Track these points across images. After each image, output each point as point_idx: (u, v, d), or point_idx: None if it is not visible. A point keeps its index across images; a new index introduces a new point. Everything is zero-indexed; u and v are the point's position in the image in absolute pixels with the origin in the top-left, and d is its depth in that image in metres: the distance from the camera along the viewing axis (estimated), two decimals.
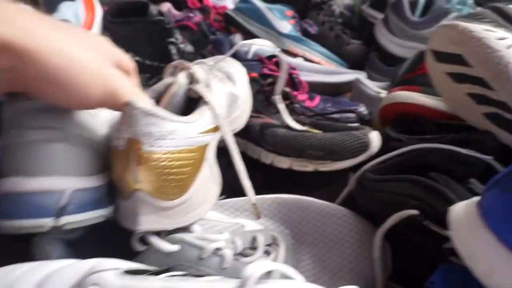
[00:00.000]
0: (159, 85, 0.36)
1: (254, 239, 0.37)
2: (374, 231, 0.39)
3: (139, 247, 0.33)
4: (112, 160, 0.31)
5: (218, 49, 0.65)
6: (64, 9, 0.66)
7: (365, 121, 0.61)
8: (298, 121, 0.50)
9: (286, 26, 0.79)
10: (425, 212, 0.34)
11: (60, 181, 0.29)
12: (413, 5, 0.75)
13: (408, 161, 0.41)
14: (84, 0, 0.71)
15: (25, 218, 0.28)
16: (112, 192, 0.34)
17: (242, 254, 0.35)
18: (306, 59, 0.79)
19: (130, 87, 0.30)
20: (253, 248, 0.37)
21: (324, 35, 0.85)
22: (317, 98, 0.64)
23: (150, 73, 0.65)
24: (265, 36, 0.79)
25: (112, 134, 0.31)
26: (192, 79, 0.36)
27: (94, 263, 0.25)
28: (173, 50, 0.69)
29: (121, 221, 0.33)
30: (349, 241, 0.39)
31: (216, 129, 0.36)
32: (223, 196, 0.43)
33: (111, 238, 0.36)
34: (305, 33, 0.84)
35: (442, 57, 0.41)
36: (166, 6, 1.10)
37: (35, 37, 0.25)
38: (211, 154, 0.36)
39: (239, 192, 0.47)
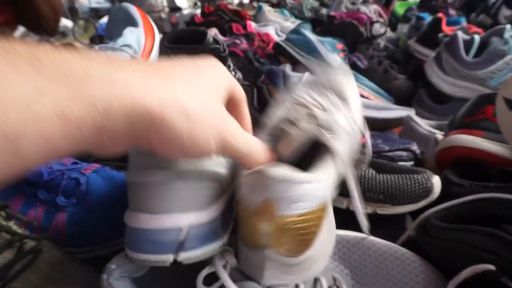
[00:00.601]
0: (274, 119, 0.34)
1: (316, 282, 0.36)
2: (442, 279, 0.38)
3: None
4: (244, 212, 0.30)
5: (272, 79, 0.66)
6: (128, 34, 0.69)
7: (417, 160, 0.60)
8: None
9: (336, 59, 0.80)
10: (503, 268, 0.33)
11: (178, 219, 0.30)
12: (468, 45, 0.75)
13: (477, 210, 0.40)
14: (144, 27, 0.74)
15: (149, 253, 0.30)
16: (226, 221, 0.34)
17: None
18: None
19: (243, 137, 0.28)
20: None
21: (372, 69, 0.85)
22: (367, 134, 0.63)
23: None
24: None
25: (246, 193, 0.30)
26: (315, 122, 0.32)
27: None
28: None
29: (243, 266, 0.33)
30: (414, 286, 0.37)
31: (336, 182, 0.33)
32: None
33: (172, 278, 0.36)
34: (353, 66, 0.84)
35: None
36: (213, 32, 1.13)
37: (161, 101, 0.22)
38: (330, 207, 0.34)
39: None
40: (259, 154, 0.29)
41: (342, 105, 0.35)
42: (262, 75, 0.70)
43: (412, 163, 0.60)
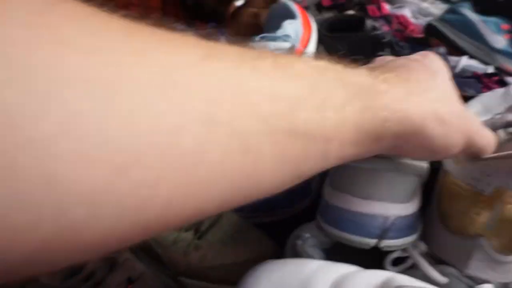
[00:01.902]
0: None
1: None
2: None
3: (391, 268, 0.34)
4: (463, 196, 0.31)
5: None
6: (287, 26, 0.73)
7: None
8: None
9: (500, 40, 0.73)
10: None
11: (386, 207, 0.32)
12: None
13: None
14: (302, 19, 0.77)
15: (353, 234, 0.32)
16: (420, 215, 0.35)
17: None
18: None
19: (484, 133, 0.29)
20: None
21: None
22: None
23: None
24: (473, 51, 0.74)
25: (480, 178, 0.30)
26: None
27: (389, 275, 0.27)
28: None
29: (439, 252, 0.34)
30: None
31: None
32: None
33: (358, 253, 0.38)
34: None
35: None
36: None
37: (422, 112, 0.23)
38: None
39: None
40: (493, 146, 0.29)
41: None
42: None
43: None
